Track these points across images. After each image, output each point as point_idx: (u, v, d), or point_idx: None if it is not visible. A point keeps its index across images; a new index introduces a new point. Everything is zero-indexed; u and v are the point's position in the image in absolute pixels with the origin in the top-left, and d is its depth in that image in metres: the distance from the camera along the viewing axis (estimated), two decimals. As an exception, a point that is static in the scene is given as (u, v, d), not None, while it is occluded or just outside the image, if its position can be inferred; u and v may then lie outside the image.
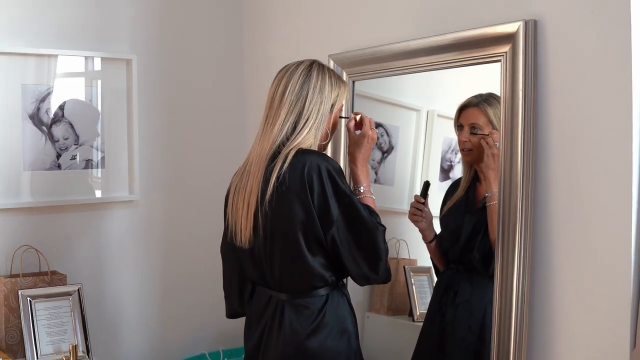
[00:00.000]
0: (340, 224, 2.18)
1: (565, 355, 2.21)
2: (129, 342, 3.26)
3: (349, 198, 2.18)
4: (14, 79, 2.87)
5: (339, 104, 2.32)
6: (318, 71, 2.28)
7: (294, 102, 2.23)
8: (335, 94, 2.29)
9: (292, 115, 2.23)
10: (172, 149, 3.35)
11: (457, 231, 2.61)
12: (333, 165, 2.20)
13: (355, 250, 2.20)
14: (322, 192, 2.15)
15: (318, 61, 2.32)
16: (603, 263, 2.10)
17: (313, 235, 2.18)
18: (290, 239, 2.18)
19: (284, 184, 2.15)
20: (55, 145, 2.98)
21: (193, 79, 3.41)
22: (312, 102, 2.24)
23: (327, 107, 2.26)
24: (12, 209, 2.91)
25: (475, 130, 2.49)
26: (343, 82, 2.35)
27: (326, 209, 2.16)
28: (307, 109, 2.23)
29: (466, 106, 2.55)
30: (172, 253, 3.38)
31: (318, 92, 2.25)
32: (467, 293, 2.57)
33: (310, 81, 2.25)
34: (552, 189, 2.23)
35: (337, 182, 2.17)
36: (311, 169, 2.15)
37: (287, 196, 2.16)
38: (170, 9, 3.32)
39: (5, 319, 2.77)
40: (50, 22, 2.99)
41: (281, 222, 2.18)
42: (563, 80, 2.20)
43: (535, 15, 2.24)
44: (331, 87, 2.28)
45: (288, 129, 2.23)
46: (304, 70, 2.27)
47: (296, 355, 2.22)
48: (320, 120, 2.24)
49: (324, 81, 2.27)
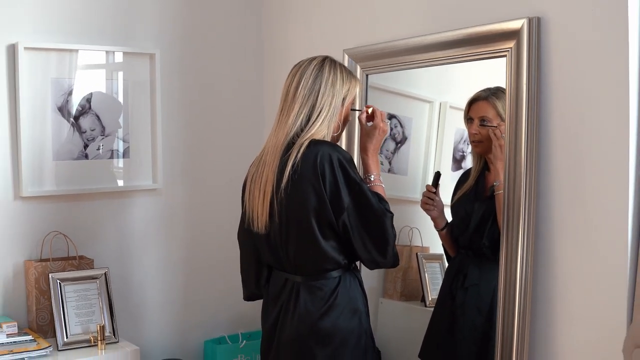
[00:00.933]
0: (351, 211, 2.24)
1: (566, 332, 2.28)
2: (153, 324, 3.31)
3: (359, 186, 2.25)
4: (44, 73, 2.94)
5: (350, 98, 2.38)
6: (330, 66, 2.34)
7: (307, 95, 2.30)
8: (346, 88, 2.35)
9: (305, 107, 2.30)
10: (192, 139, 3.40)
11: (467, 218, 2.66)
12: (344, 155, 2.27)
13: (365, 235, 2.27)
14: (334, 180, 2.22)
15: (330, 57, 2.39)
16: (602, 247, 2.17)
17: (325, 221, 2.25)
18: (305, 225, 2.25)
19: (297, 173, 2.23)
20: (83, 136, 3.05)
21: (214, 73, 3.45)
22: (325, 96, 2.30)
23: (338, 101, 2.33)
24: (42, 196, 2.98)
25: (485, 122, 2.54)
26: (354, 77, 2.41)
27: (337, 196, 2.23)
28: (319, 102, 2.30)
29: (475, 100, 2.60)
30: (193, 239, 3.42)
31: (330, 86, 2.31)
32: (476, 277, 2.63)
33: (322, 76, 2.32)
34: (554, 178, 2.29)
35: (347, 171, 2.24)
36: (323, 159, 2.22)
37: (301, 184, 2.23)
38: (192, 6, 3.37)
39: (36, 300, 2.86)
40: (77, 18, 3.04)
41: (296, 209, 2.25)
42: (565, 75, 2.25)
43: (539, 12, 2.30)
44: (342, 81, 2.34)
45: (302, 121, 2.29)
46: (317, 66, 2.34)
47: (310, 334, 2.29)
48: (332, 112, 2.31)
49: (335, 76, 2.33)
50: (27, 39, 2.90)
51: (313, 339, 2.29)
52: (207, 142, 3.45)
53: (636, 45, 2.08)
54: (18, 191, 2.93)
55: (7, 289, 2.92)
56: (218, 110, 3.48)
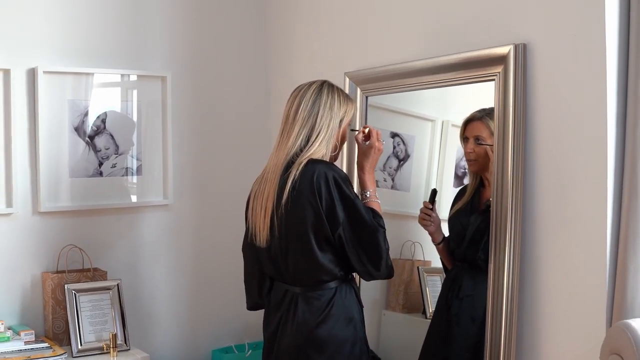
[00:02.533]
0: (346, 225, 2.35)
1: (550, 339, 2.37)
2: (162, 333, 3.40)
3: (353, 202, 2.36)
4: (61, 95, 3.08)
5: (347, 119, 2.49)
6: (328, 90, 2.46)
7: (306, 117, 2.41)
8: (343, 110, 2.46)
9: (304, 129, 2.41)
10: (202, 158, 3.50)
11: (462, 232, 2.74)
12: (339, 173, 2.38)
13: (360, 249, 2.37)
14: (330, 197, 2.33)
15: (328, 81, 2.50)
16: (583, 261, 2.27)
17: (322, 235, 2.36)
18: (303, 239, 2.36)
19: (296, 190, 2.34)
20: (98, 154, 3.17)
21: (222, 95, 3.56)
22: (323, 118, 2.41)
23: (336, 122, 2.44)
24: (59, 212, 3.10)
25: (480, 141, 2.62)
26: (350, 100, 2.52)
27: (333, 212, 2.34)
28: (318, 124, 2.41)
29: (470, 120, 2.68)
30: (201, 252, 3.51)
31: (328, 108, 2.42)
32: (470, 288, 2.70)
33: (321, 99, 2.43)
34: (538, 195, 2.39)
35: (342, 188, 2.35)
36: (320, 177, 2.33)
37: (300, 201, 2.34)
38: (202, 31, 3.48)
39: (52, 310, 2.98)
40: (93, 43, 3.18)
41: (295, 224, 2.36)
42: (549, 97, 2.36)
43: (524, 39, 2.40)
44: (340, 104, 2.45)
45: (301, 141, 2.40)
46: (316, 90, 2.45)
47: (307, 342, 2.39)
48: (330, 133, 2.42)
49: (333, 99, 2.44)
50: (45, 63, 3.04)
51: (310, 346, 2.39)
52: (214, 160, 3.55)
53: (614, 69, 2.19)
54: (36, 206, 3.05)
55: (25, 299, 3.04)
56: (225, 130, 3.58)
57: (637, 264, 2.14)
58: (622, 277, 2.16)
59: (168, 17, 3.39)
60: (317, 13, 3.40)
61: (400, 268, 3.03)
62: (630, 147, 2.17)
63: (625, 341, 1.96)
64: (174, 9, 3.41)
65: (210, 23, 3.53)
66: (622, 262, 2.17)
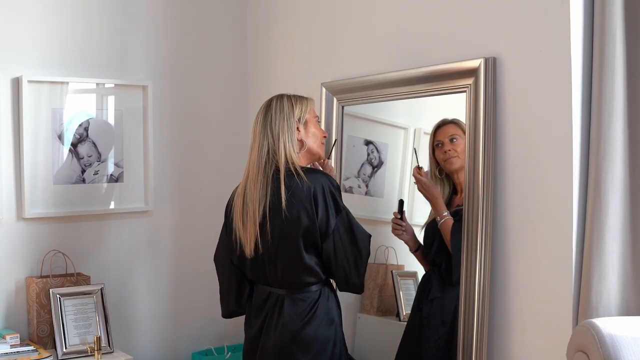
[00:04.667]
0: (336, 232, 2.48)
1: (519, 339, 2.46)
2: (145, 335, 3.44)
3: (346, 211, 2.52)
4: (45, 104, 3.12)
5: (306, 115, 2.59)
6: (277, 99, 2.57)
7: (262, 129, 2.53)
8: (298, 109, 2.57)
9: (266, 138, 2.51)
10: (181, 165, 3.55)
11: (432, 238, 2.82)
12: (333, 183, 2.51)
13: (350, 251, 2.50)
14: (324, 204, 2.46)
15: (279, 94, 2.61)
16: (549, 264, 2.37)
17: (311, 240, 2.47)
18: (294, 243, 2.46)
19: (295, 196, 2.44)
20: (81, 162, 3.22)
21: (202, 104, 3.61)
22: (277, 121, 2.52)
23: (292, 121, 2.54)
24: (43, 218, 3.14)
25: (456, 139, 2.72)
26: (304, 98, 2.61)
27: (326, 220, 2.46)
28: (275, 129, 2.51)
29: (441, 125, 2.78)
30: (182, 257, 3.56)
31: (279, 112, 2.53)
32: (439, 291, 2.78)
33: (270, 108, 2.55)
34: (508, 200, 2.49)
35: (336, 198, 2.49)
36: (317, 187, 2.45)
37: (295, 207, 2.44)
38: (183, 42, 3.54)
39: (37, 314, 3.01)
40: (76, 54, 3.22)
41: (288, 229, 2.46)
42: (517, 107, 2.46)
43: (494, 53, 2.50)
44: (291, 104, 2.56)
45: (269, 149, 2.50)
46: (265, 103, 2.59)
47: (293, 341, 2.48)
48: (289, 133, 2.52)
49: (282, 103, 2.55)
50: (30, 72, 3.09)
51: (295, 345, 2.48)
52: (194, 167, 3.60)
53: (578, 82, 2.30)
54: (21, 213, 3.09)
55: (9, 303, 3.08)
56: (205, 138, 3.63)
57: (600, 268, 2.24)
58: (586, 280, 2.26)
59: (150, 30, 3.45)
60: (294, 26, 3.46)
61: (375, 272, 3.10)
62: (594, 156, 2.27)
63: (590, 339, 2.06)
64: (156, 23, 3.47)
65: (191, 35, 3.58)
66: (586, 266, 2.26)
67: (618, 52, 2.24)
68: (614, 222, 2.25)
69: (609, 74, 2.25)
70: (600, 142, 2.26)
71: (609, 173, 2.25)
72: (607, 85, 2.25)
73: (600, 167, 2.26)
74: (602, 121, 2.25)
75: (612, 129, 2.25)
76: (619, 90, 2.25)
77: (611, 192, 2.24)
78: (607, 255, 2.24)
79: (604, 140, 2.25)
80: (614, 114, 2.24)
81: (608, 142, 2.25)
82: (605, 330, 2.05)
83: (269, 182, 2.48)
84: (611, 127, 2.25)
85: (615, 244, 2.25)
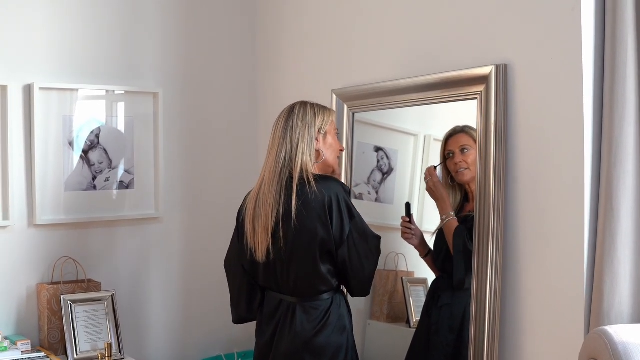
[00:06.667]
0: (351, 238, 2.49)
1: (531, 346, 2.45)
2: (155, 342, 3.45)
3: (359, 216, 2.53)
4: (57, 111, 3.14)
5: (326, 126, 2.60)
6: (300, 106, 2.58)
7: (282, 135, 2.53)
8: (320, 119, 2.58)
9: (284, 145, 2.52)
10: (192, 172, 3.56)
11: (441, 244, 2.80)
12: (346, 189, 2.53)
13: (363, 253, 2.52)
14: (339, 213, 2.47)
15: (302, 101, 2.61)
16: (561, 270, 2.36)
17: (326, 249, 2.48)
18: (309, 251, 2.47)
19: (306, 205, 2.45)
20: (92, 168, 3.23)
21: (212, 111, 3.62)
22: (298, 129, 2.53)
23: (313, 131, 2.55)
24: (54, 224, 3.15)
25: (467, 150, 2.70)
26: (327, 109, 2.62)
27: (341, 228, 2.47)
28: (295, 136, 2.52)
29: (452, 134, 2.75)
30: (192, 264, 3.56)
31: (301, 120, 2.54)
32: (448, 297, 2.77)
33: (292, 115, 2.55)
34: (520, 208, 2.47)
35: (349, 205, 2.50)
36: (331, 195, 2.46)
37: (311, 215, 2.45)
38: (193, 49, 3.55)
39: (48, 320, 3.03)
40: (87, 60, 3.24)
41: (303, 237, 2.46)
42: (528, 114, 2.44)
43: (505, 60, 2.50)
44: (313, 114, 2.57)
45: (286, 156, 2.51)
46: (288, 109, 2.59)
47: (305, 348, 2.49)
48: (308, 142, 2.53)
49: (305, 111, 2.56)
50: (42, 80, 3.10)
51: (308, 352, 2.49)
52: (204, 174, 3.61)
53: (590, 89, 2.29)
54: (32, 219, 3.11)
55: (20, 309, 3.09)
56: (215, 145, 3.64)
57: (612, 275, 2.23)
58: (598, 287, 2.24)
59: (161, 38, 3.46)
60: (304, 33, 3.46)
61: (385, 279, 3.09)
62: (606, 162, 2.26)
63: (602, 347, 2.03)
64: (167, 31, 3.48)
65: (202, 43, 3.59)
66: (598, 272, 2.25)
67: (630, 58, 2.24)
68: (626, 229, 2.24)
69: (621, 82, 2.24)
70: (612, 148, 2.25)
71: (620, 179, 2.24)
72: (618, 92, 2.24)
73: (612, 174, 2.25)
74: (614, 128, 2.25)
75: (623, 136, 2.24)
76: (630, 96, 2.24)
77: (623, 198, 2.23)
78: (619, 261, 2.23)
79: (616, 146, 2.24)
80: (626, 120, 2.24)
81: (620, 149, 2.24)
82: (618, 337, 2.04)
83: (282, 188, 2.48)
84: (623, 134, 2.24)
85: (628, 250, 2.24)
